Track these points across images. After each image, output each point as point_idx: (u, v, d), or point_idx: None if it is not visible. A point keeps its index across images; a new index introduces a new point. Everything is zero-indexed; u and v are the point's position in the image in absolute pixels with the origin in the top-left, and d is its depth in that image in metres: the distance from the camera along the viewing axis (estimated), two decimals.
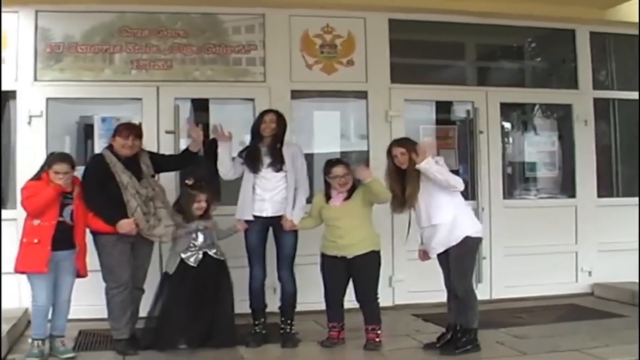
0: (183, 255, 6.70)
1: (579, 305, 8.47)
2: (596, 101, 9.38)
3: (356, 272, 6.59)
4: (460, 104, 9.28)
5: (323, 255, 6.78)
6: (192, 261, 6.69)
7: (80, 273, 6.55)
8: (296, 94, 8.53)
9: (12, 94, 7.92)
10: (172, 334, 6.60)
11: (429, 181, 6.29)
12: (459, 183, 6.38)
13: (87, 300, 6.97)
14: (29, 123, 7.80)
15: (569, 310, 8.22)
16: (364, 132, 8.83)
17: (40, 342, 6.41)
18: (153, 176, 6.90)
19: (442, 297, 6.63)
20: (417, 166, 6.23)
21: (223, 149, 6.85)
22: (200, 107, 8.54)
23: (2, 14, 7.46)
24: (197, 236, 6.76)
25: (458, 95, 9.21)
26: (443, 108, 9.30)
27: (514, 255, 8.79)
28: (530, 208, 9.23)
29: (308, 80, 8.56)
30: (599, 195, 9.31)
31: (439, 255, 6.49)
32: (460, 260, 6.33)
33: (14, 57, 7.92)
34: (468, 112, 9.11)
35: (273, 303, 6.99)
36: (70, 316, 6.60)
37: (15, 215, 7.19)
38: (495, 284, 8.80)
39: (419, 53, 9.33)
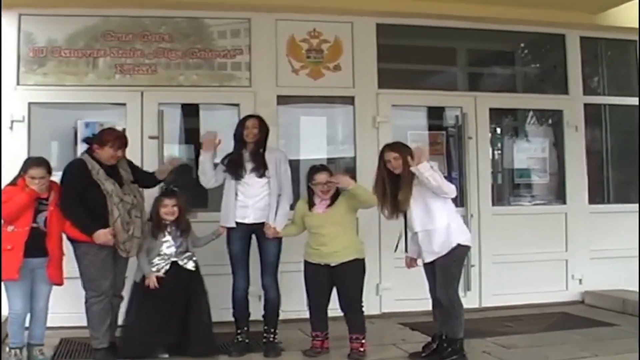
0: (151, 263, 6.62)
1: (569, 313, 8.36)
2: (587, 107, 9.26)
3: (340, 280, 6.50)
4: (450, 110, 9.15)
5: (306, 263, 6.69)
6: (159, 271, 6.58)
7: (54, 281, 6.44)
8: (282, 100, 8.43)
9: None
10: (145, 344, 6.48)
11: (422, 186, 6.22)
12: (451, 190, 6.31)
13: (69, 307, 6.85)
14: (11, 128, 7.69)
15: (559, 319, 8.10)
16: (350, 138, 8.74)
17: (17, 350, 6.32)
18: (133, 182, 6.72)
19: (430, 305, 6.53)
20: (412, 168, 6.16)
21: (205, 158, 6.76)
22: (187, 112, 8.41)
23: None
24: (164, 246, 6.62)
25: (446, 100, 9.12)
26: (431, 114, 9.18)
27: (503, 262, 8.70)
28: (520, 215, 9.10)
29: (294, 85, 8.46)
30: (590, 202, 9.18)
31: (425, 263, 6.41)
32: (446, 269, 6.23)
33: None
34: (457, 117, 8.98)
35: (256, 311, 6.85)
36: (51, 324, 6.54)
37: None
38: (484, 292, 8.69)
39: (407, 58, 9.23)
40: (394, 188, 6.38)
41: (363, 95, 8.60)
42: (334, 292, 6.59)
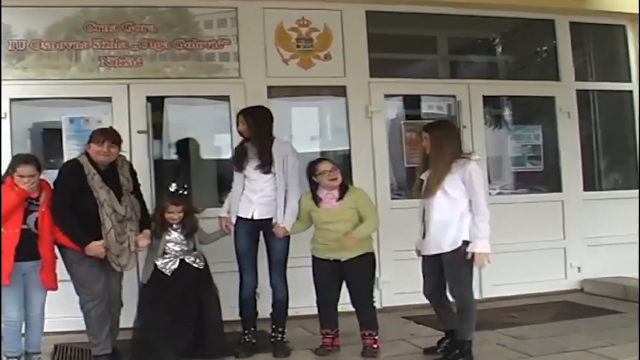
0: (157, 263, 6.39)
1: (571, 302, 8.27)
2: (577, 93, 9.16)
3: (351, 275, 6.33)
4: (443, 99, 9.03)
5: (314, 259, 6.49)
6: (166, 269, 6.37)
7: (48, 286, 6.13)
8: (273, 91, 8.22)
9: None
10: (156, 348, 6.23)
11: (451, 178, 5.92)
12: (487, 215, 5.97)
13: (62, 312, 6.59)
14: None
15: (562, 308, 7.98)
16: (342, 129, 8.58)
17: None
18: (132, 192, 6.38)
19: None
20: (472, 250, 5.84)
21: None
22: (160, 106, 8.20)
23: None
24: (170, 244, 6.42)
25: (439, 88, 8.98)
26: (423, 103, 9.03)
27: (501, 252, 8.11)
28: (516, 204, 8.91)
29: (284, 75, 8.27)
30: (584, 189, 9.12)
31: (428, 258, 6.14)
32: (457, 267, 5.94)
33: None
34: (449, 106, 8.89)
35: (262, 309, 6.69)
36: (44, 329, 6.26)
37: None
38: (484, 283, 8.30)
39: (398, 46, 9.05)
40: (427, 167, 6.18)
41: (355, 84, 8.43)
42: (344, 288, 6.46)
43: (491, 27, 9.35)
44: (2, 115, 7.37)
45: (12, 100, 7.47)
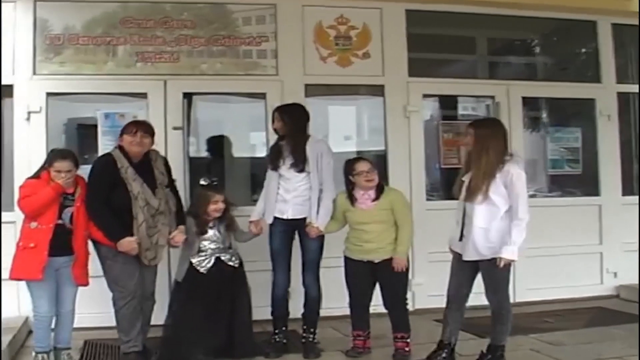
0: (193, 260, 6.32)
1: (606, 308, 8.15)
2: (618, 95, 9.03)
3: (384, 277, 6.25)
4: (480, 100, 8.94)
5: (347, 259, 6.43)
6: (202, 267, 6.31)
7: (80, 282, 6.13)
8: (310, 89, 8.11)
9: (8, 89, 7.40)
10: (186, 346, 6.20)
11: (493, 182, 5.71)
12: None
13: (92, 307, 6.62)
14: (28, 119, 7.40)
15: (597, 314, 7.89)
16: (379, 129, 8.47)
17: (44, 355, 6.04)
18: (167, 186, 6.35)
19: (478, 298, 6.01)
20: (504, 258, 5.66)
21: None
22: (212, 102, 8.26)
23: None
24: (206, 242, 6.38)
25: (478, 89, 8.86)
26: (460, 104, 8.99)
27: (537, 256, 8.25)
28: (553, 207, 8.74)
29: (322, 73, 8.19)
30: (623, 194, 8.97)
31: (459, 260, 5.95)
32: (494, 271, 5.72)
33: (11, 50, 7.45)
34: (487, 107, 8.78)
35: (294, 310, 6.65)
36: (74, 325, 6.25)
37: (14, 217, 6.66)
38: (517, 286, 7.94)
39: (437, 46, 8.96)
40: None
41: (393, 83, 8.32)
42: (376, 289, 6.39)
43: (531, 27, 9.24)
44: (37, 109, 7.36)
45: (48, 94, 7.50)
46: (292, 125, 6.52)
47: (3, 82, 7.34)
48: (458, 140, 8.39)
